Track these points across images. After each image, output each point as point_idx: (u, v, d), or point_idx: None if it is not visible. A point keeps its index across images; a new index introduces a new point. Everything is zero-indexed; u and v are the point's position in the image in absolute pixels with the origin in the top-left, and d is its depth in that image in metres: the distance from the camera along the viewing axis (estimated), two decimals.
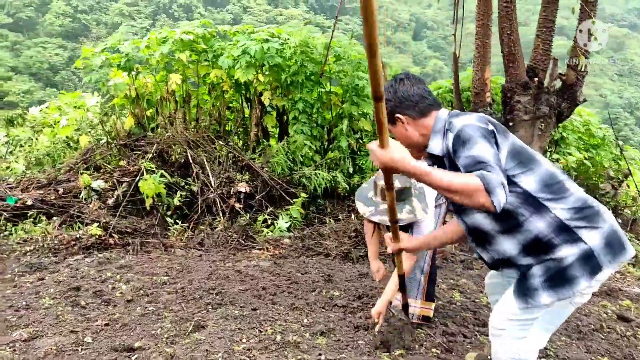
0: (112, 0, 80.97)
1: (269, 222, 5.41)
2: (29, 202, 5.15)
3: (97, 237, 4.74)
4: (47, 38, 63.74)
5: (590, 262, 1.83)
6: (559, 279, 1.84)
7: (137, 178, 5.22)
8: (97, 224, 4.86)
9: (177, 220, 5.19)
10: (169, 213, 5.29)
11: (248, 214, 5.36)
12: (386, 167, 1.69)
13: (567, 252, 1.83)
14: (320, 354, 2.65)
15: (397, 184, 2.43)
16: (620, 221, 7.74)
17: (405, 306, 2.94)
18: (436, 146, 1.94)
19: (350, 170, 5.91)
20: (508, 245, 1.92)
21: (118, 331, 2.87)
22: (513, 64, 5.09)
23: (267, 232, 5.26)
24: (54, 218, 5.06)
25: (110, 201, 5.22)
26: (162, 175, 5.18)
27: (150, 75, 5.95)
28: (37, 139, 6.20)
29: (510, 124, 5.30)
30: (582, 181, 8.04)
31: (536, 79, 5.07)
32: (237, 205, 5.38)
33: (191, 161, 5.48)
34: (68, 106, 6.42)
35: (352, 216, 5.55)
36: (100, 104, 6.50)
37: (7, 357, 2.49)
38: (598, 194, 8.18)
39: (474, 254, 5.41)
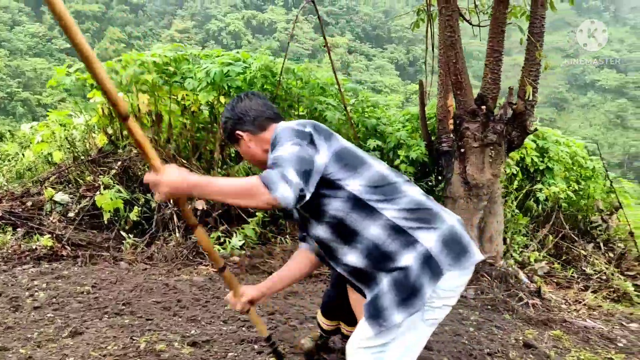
0: (165, 27, 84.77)
1: (222, 239, 5.52)
2: None
3: (48, 248, 5.00)
4: (101, 63, 67.27)
5: (429, 265, 1.71)
6: (406, 290, 1.71)
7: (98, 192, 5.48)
8: (51, 235, 5.11)
9: (130, 235, 5.38)
10: (127, 227, 5.50)
11: None
12: (174, 193, 1.56)
13: (409, 258, 1.72)
14: None
15: None
16: (612, 255, 7.45)
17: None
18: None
19: None
20: (352, 257, 1.81)
21: None
22: (460, 91, 5.09)
23: (219, 249, 5.37)
24: (18, 229, 5.36)
25: (71, 214, 5.49)
26: (118, 191, 5.41)
27: (126, 95, 6.25)
28: (23, 154, 6.61)
29: (462, 150, 5.27)
30: (572, 213, 7.80)
31: (484, 107, 5.04)
32: None
33: None
34: (55, 123, 6.82)
35: None
36: (86, 122, 6.85)
37: None
38: (590, 226, 7.91)
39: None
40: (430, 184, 6.11)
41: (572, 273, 6.46)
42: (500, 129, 5.01)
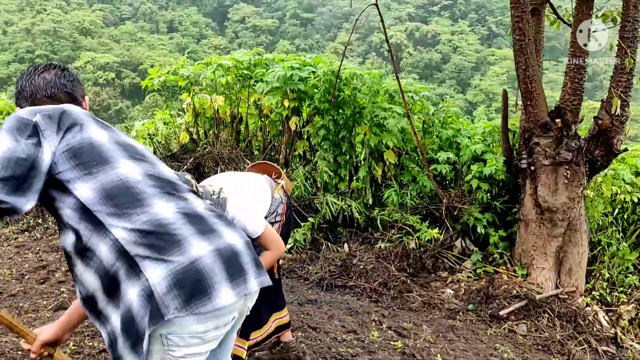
0: (330, 40, 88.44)
1: None
2: None
3: None
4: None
5: (149, 305, 1.35)
6: (133, 334, 1.38)
7: None
8: None
9: None
10: None
11: None
12: None
13: (133, 292, 1.38)
14: None
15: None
16: None
17: None
18: None
19: (370, 201, 5.70)
20: (88, 277, 1.46)
21: None
22: (531, 101, 4.43)
23: None
24: None
25: None
26: None
27: (216, 96, 6.60)
28: None
29: (532, 167, 4.59)
30: None
31: (558, 120, 4.32)
32: None
33: None
34: (160, 121, 7.49)
35: (348, 247, 5.37)
36: (186, 121, 7.40)
37: None
38: None
39: None
40: (507, 204, 5.42)
41: None
42: (577, 146, 4.25)
